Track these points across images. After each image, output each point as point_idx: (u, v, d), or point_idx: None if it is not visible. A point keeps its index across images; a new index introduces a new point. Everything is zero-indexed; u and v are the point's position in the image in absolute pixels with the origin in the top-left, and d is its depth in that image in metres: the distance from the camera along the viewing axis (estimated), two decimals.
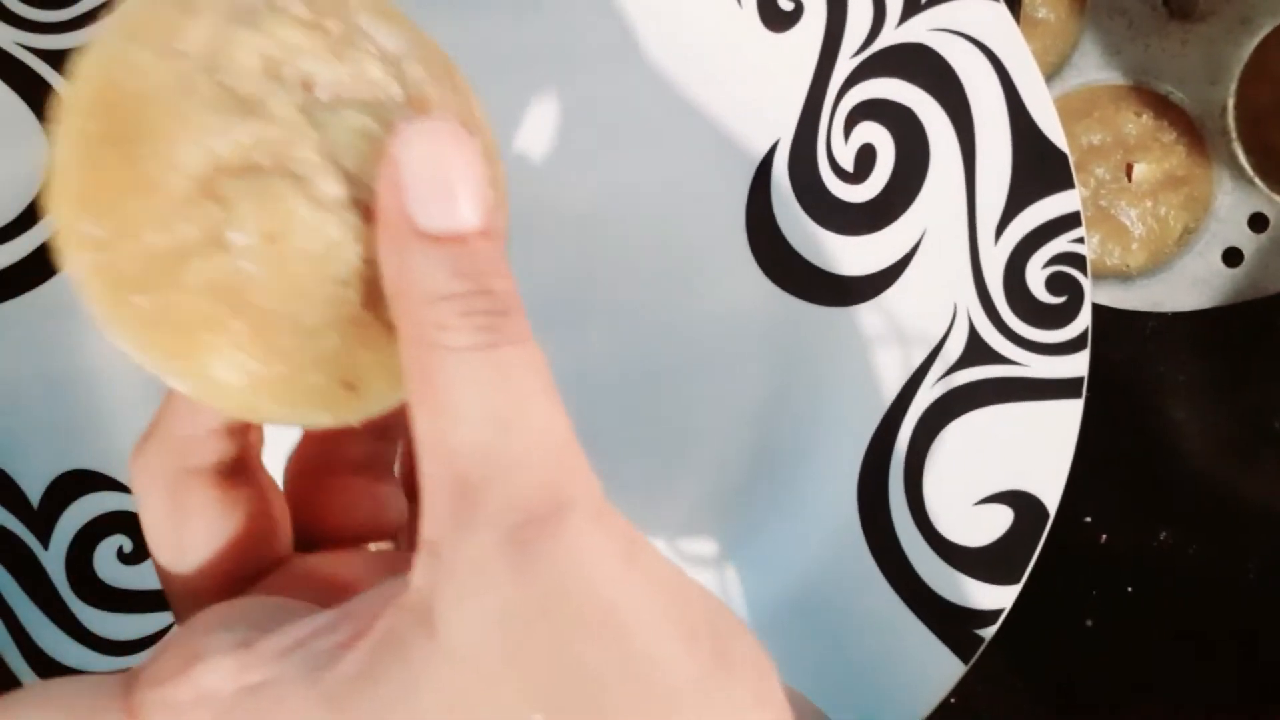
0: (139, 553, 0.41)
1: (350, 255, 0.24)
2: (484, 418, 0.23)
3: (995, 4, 0.43)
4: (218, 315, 0.23)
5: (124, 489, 0.41)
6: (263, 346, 0.24)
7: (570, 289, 0.44)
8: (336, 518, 0.30)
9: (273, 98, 0.24)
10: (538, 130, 0.44)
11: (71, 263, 0.24)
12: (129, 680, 0.24)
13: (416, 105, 0.24)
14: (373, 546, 0.31)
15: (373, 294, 0.24)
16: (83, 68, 0.24)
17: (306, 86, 0.24)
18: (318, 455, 0.30)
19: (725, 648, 0.24)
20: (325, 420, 0.26)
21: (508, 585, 0.22)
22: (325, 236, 0.23)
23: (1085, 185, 0.50)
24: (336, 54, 0.24)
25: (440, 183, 0.23)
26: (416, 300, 0.23)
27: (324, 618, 0.24)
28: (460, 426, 0.23)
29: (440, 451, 0.23)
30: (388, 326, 0.24)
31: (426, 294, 0.23)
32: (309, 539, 0.29)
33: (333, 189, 0.23)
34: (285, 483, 0.30)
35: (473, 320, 0.23)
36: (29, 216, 0.41)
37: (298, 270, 0.23)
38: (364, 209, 0.23)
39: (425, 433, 0.23)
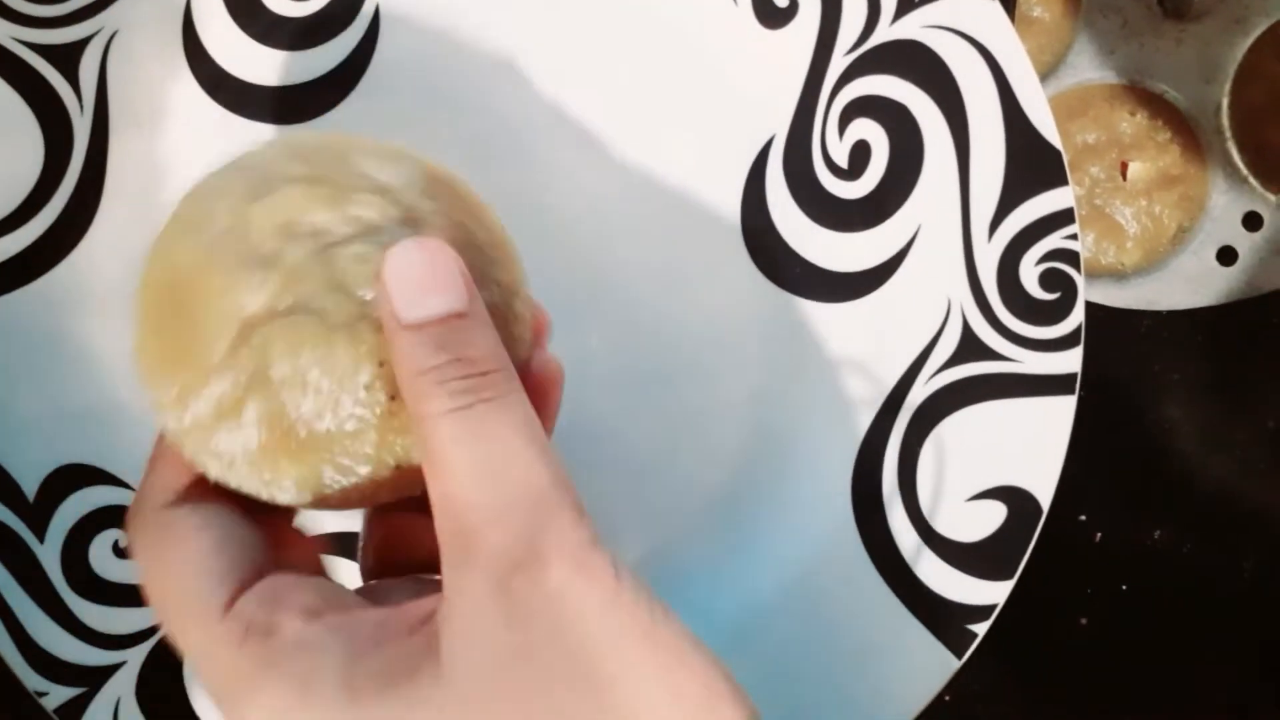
0: None
1: (369, 362, 0.28)
2: (469, 472, 0.26)
3: (990, 1, 0.43)
4: (278, 441, 0.29)
5: (120, 483, 0.41)
6: (313, 458, 0.29)
7: (564, 286, 0.44)
8: (403, 549, 0.33)
9: (287, 250, 0.29)
10: (529, 129, 0.45)
11: (162, 422, 0.30)
12: (240, 584, 0.28)
13: (410, 223, 0.30)
14: None
15: (394, 387, 0.29)
16: (147, 258, 0.31)
17: (316, 234, 0.30)
18: None
19: (711, 706, 0.26)
20: (387, 496, 0.30)
21: (499, 630, 0.25)
22: (343, 353, 0.28)
23: (1080, 184, 0.50)
24: (336, 200, 0.30)
25: (413, 284, 0.28)
26: (406, 378, 0.27)
27: (378, 613, 0.28)
28: (451, 482, 0.26)
29: (441, 505, 0.27)
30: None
31: (411, 371, 0.27)
32: (390, 568, 0.33)
33: (343, 312, 0.29)
34: (364, 523, 0.34)
35: (447, 386, 0.27)
36: (25, 211, 0.41)
37: (326, 386, 0.28)
38: (375, 321, 0.29)
39: (431, 490, 0.27)
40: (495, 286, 0.32)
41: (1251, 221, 0.50)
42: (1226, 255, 0.50)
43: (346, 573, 0.42)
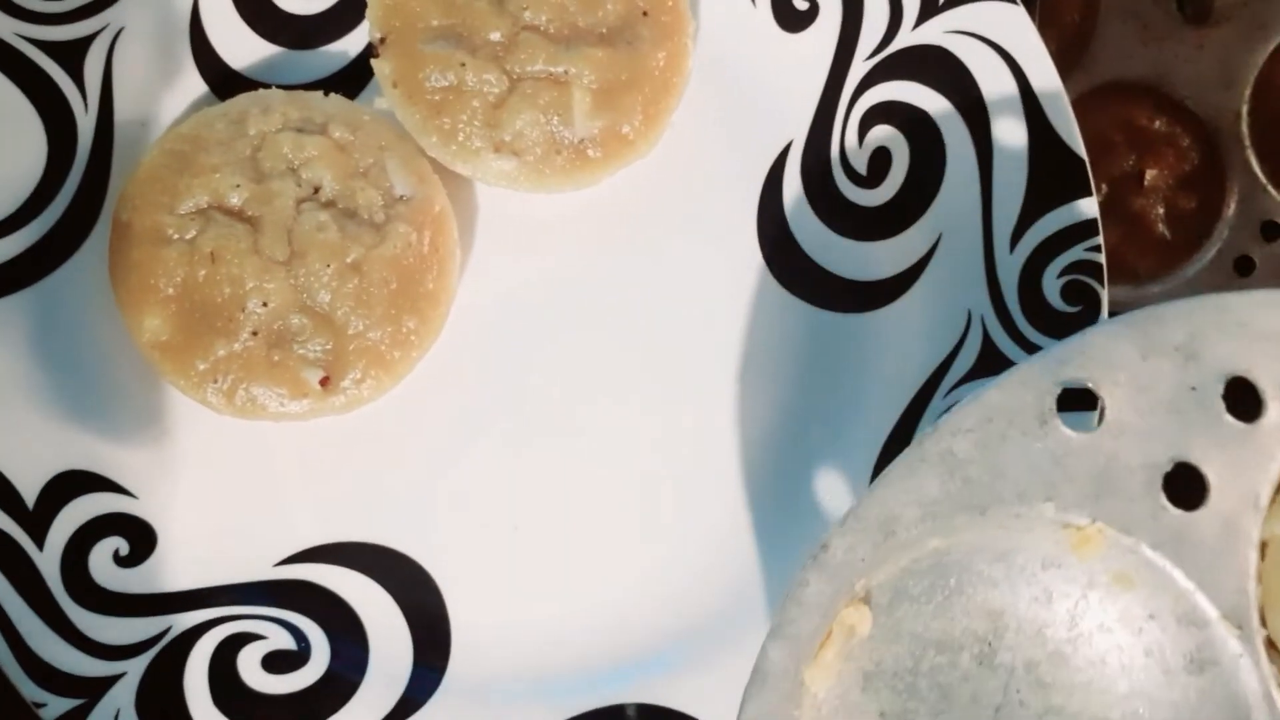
0: (135, 555, 0.41)
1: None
2: None
3: (1014, 6, 0.42)
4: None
5: (121, 490, 0.41)
6: None
7: (573, 299, 0.44)
8: None
9: (279, 180, 0.40)
10: None
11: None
12: None
13: (376, 230, 0.40)
14: None
15: None
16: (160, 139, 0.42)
17: (314, 186, 0.40)
18: None
19: None
20: None
21: None
22: (248, 275, 0.39)
23: (1096, 189, 0.49)
24: (347, 174, 0.40)
25: None
26: None
27: None
28: None
29: None
30: None
31: None
32: None
33: (279, 249, 0.39)
34: None
35: None
36: (27, 211, 0.41)
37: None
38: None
39: None
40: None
41: (1270, 231, 0.49)
42: (1244, 265, 0.49)
43: (343, 579, 0.42)
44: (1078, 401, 0.33)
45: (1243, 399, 0.33)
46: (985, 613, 0.34)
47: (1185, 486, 0.33)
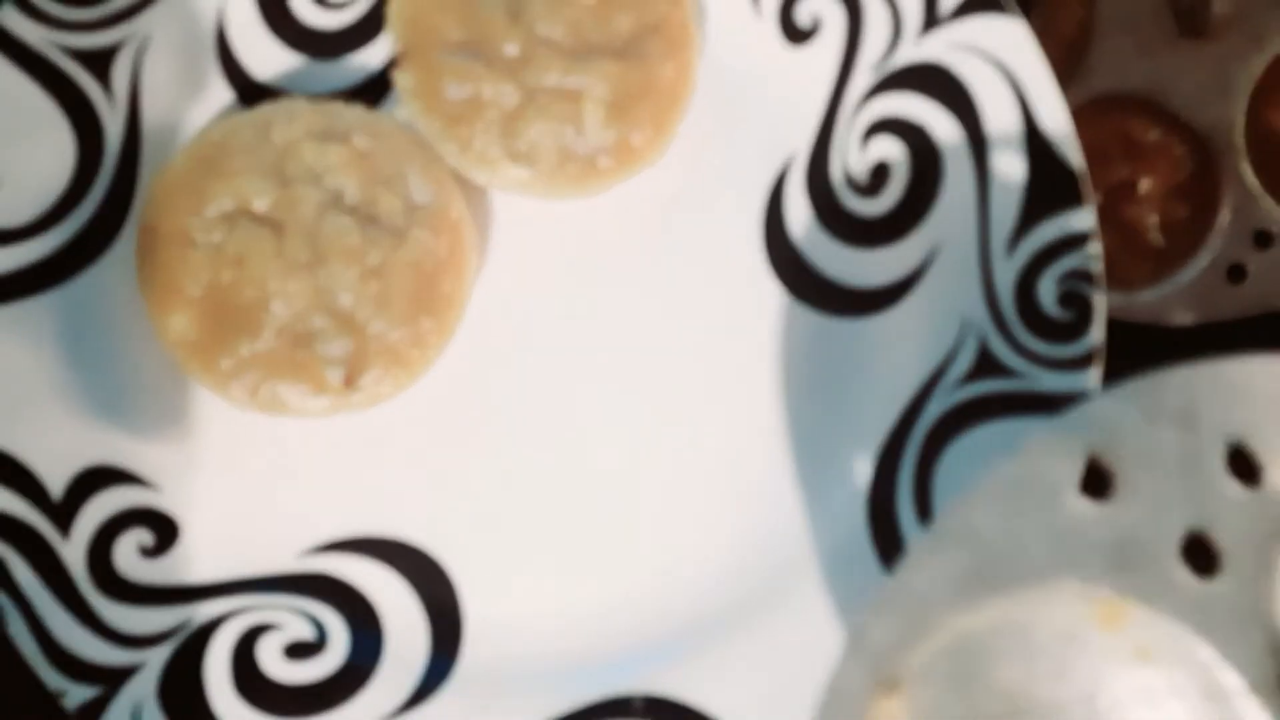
0: (159, 547, 0.42)
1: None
2: None
3: (1015, 21, 0.43)
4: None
5: (146, 484, 0.42)
6: None
7: (583, 301, 0.45)
8: None
9: (302, 186, 0.41)
10: None
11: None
12: None
13: (396, 235, 0.41)
14: None
15: None
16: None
17: (336, 192, 0.41)
18: None
19: None
20: None
21: None
22: (272, 277, 0.40)
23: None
24: (369, 182, 0.41)
25: None
26: None
27: None
28: None
29: None
30: None
31: None
32: None
33: (303, 253, 0.41)
34: None
35: None
36: (57, 212, 0.42)
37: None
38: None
39: None
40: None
41: (1262, 240, 0.50)
42: (1236, 273, 0.50)
43: (362, 570, 0.43)
44: (1089, 471, 0.33)
45: (1247, 465, 0.32)
46: (1003, 695, 0.33)
47: (1203, 556, 0.32)
